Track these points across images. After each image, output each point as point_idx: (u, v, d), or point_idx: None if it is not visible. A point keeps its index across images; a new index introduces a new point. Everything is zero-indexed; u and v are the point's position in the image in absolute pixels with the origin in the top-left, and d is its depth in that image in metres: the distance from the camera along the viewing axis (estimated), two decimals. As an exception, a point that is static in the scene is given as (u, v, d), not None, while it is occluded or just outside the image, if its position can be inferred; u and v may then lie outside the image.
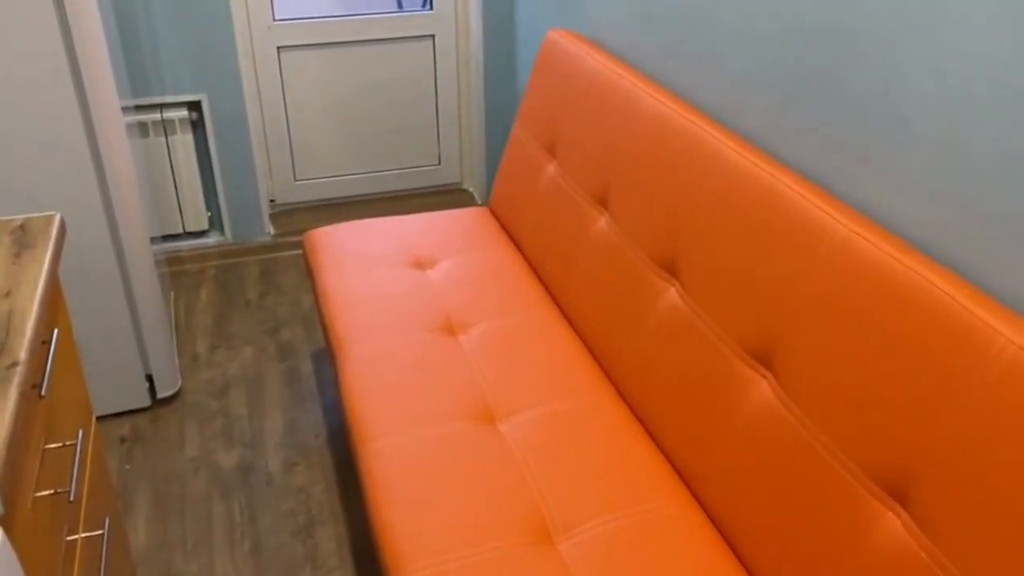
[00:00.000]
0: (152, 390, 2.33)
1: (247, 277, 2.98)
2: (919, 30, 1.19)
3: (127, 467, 2.14)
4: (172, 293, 2.81)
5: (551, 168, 2.16)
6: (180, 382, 2.41)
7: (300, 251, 3.15)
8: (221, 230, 3.07)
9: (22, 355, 0.99)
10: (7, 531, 0.89)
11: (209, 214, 3.03)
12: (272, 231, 3.13)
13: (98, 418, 2.12)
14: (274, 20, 2.96)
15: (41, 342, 1.08)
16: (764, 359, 1.34)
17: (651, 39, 1.97)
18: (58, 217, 1.27)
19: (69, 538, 1.21)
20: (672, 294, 1.60)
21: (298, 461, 2.15)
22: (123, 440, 2.22)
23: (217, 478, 2.10)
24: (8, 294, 1.09)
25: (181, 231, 3.00)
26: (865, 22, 1.29)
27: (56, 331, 1.18)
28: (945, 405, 1.03)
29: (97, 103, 1.94)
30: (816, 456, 1.20)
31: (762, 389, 1.33)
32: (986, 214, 1.12)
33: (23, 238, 1.21)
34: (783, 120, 1.52)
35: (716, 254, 1.48)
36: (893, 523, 1.07)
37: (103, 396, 2.25)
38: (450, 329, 1.92)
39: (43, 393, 1.03)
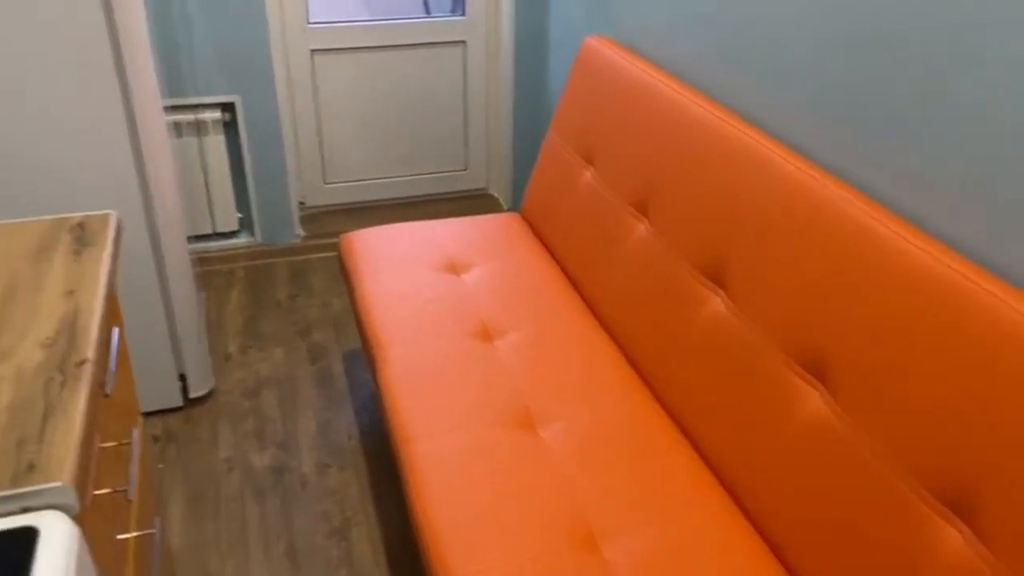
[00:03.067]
0: (185, 390, 2.33)
1: (277, 278, 2.99)
2: (963, 37, 1.19)
3: (160, 466, 2.14)
4: (203, 293, 2.82)
5: (588, 175, 2.16)
6: (213, 382, 2.41)
7: (329, 254, 3.15)
8: (251, 231, 3.08)
9: (89, 354, 0.99)
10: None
11: (240, 215, 3.04)
12: (302, 233, 3.14)
13: (133, 417, 2.12)
14: (309, 23, 2.97)
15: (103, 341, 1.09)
16: (817, 371, 1.34)
17: (687, 46, 1.96)
18: (115, 216, 1.28)
19: (120, 537, 1.21)
20: (717, 303, 1.59)
21: (331, 462, 2.15)
22: (156, 439, 2.23)
23: (250, 479, 2.10)
24: (71, 292, 1.10)
25: (211, 231, 3.01)
26: (912, 28, 1.29)
27: (116, 330, 1.18)
28: (1011, 414, 1.02)
29: (140, 101, 1.95)
30: (872, 471, 1.19)
31: (814, 401, 1.32)
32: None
33: (83, 236, 1.22)
34: (826, 129, 1.52)
35: (765, 263, 1.48)
36: (954, 538, 1.07)
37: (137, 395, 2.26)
38: (486, 334, 1.92)
39: (108, 392, 1.04)
